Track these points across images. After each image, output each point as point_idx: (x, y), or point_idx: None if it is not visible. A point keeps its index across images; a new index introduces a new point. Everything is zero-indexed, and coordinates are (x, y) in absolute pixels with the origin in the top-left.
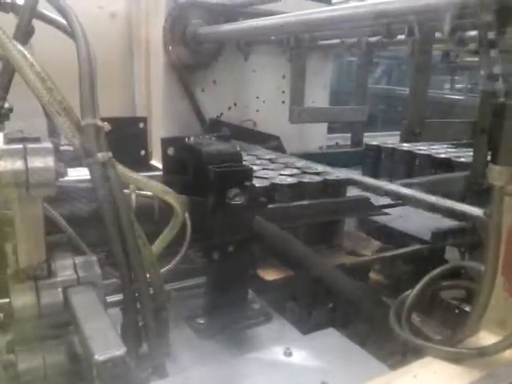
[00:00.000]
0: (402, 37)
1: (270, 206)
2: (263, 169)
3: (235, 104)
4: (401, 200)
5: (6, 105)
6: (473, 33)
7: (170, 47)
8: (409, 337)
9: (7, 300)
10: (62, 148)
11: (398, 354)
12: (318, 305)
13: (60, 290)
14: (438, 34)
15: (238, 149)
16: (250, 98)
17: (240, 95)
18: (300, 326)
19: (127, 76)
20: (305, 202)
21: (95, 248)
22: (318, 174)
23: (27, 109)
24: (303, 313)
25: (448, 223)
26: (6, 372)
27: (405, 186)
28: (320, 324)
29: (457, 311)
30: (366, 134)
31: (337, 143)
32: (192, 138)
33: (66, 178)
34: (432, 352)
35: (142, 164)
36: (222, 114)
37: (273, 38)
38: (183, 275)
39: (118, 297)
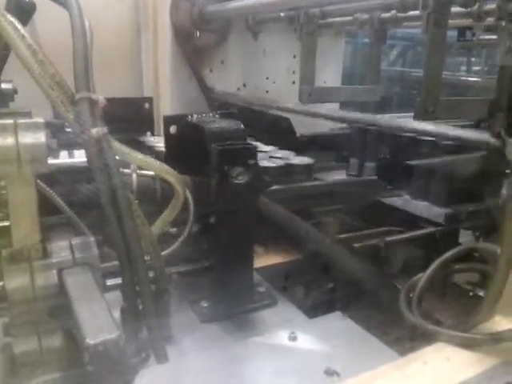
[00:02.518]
0: (416, 12)
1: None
2: None
3: (244, 85)
4: None
5: (10, 86)
6: (491, 6)
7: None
8: (420, 321)
9: (1, 283)
10: (67, 130)
11: (407, 339)
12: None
13: (55, 271)
14: (454, 9)
15: (242, 126)
16: (259, 78)
17: (249, 76)
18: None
19: (135, 58)
20: (314, 183)
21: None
22: None
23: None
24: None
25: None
26: (3, 354)
27: None
28: (325, 305)
29: (470, 295)
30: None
31: None
32: (195, 116)
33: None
34: (444, 337)
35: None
36: None
37: (282, 14)
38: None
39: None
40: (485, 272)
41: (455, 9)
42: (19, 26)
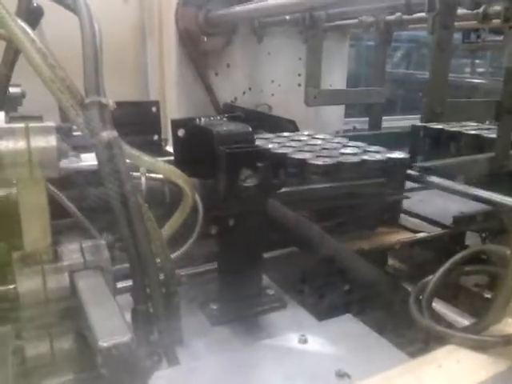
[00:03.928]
0: (421, 14)
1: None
2: None
3: (250, 88)
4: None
5: (18, 90)
6: (497, 7)
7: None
8: (430, 324)
9: (13, 286)
10: (75, 134)
11: (417, 342)
12: (332, 289)
13: (66, 274)
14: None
15: (250, 129)
16: (264, 81)
17: (255, 79)
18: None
19: (140, 61)
20: (319, 186)
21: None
22: None
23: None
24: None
25: (471, 207)
26: (15, 357)
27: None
28: (335, 308)
29: (480, 297)
30: (384, 117)
31: (354, 127)
32: (203, 119)
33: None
34: (455, 340)
35: (155, 149)
36: (236, 98)
37: (287, 17)
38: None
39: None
40: (494, 273)
41: (461, 11)
42: (29, 31)
